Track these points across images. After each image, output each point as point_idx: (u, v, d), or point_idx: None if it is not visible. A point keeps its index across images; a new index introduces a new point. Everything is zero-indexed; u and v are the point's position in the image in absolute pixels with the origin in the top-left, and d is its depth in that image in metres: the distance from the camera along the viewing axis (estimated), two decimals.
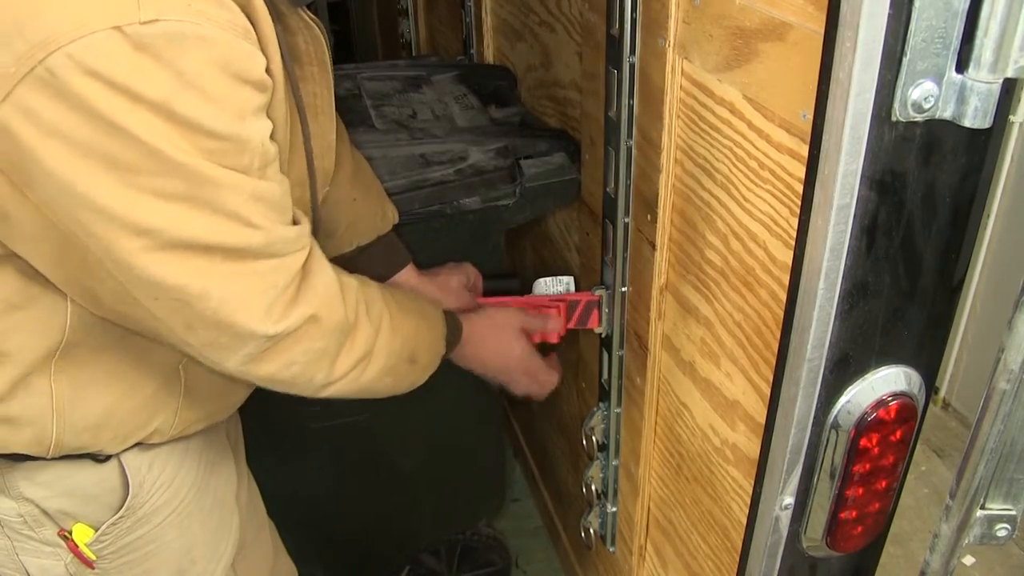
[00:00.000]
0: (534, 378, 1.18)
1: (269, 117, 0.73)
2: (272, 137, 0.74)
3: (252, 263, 0.73)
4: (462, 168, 1.34)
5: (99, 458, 0.87)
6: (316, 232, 0.88)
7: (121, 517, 0.90)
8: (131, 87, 0.62)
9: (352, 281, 0.88)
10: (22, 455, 0.83)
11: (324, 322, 0.81)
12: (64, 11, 0.61)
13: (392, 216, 1.20)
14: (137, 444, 0.89)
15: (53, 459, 0.85)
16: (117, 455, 0.88)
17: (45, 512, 0.87)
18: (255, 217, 0.71)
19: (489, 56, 1.82)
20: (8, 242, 0.72)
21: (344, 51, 4.13)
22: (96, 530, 0.89)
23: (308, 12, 0.86)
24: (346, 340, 0.85)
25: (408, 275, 1.21)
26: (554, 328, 1.21)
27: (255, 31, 0.70)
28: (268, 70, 0.71)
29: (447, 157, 1.35)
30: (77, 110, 0.62)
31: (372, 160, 1.33)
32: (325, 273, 0.82)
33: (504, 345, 1.14)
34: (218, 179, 0.68)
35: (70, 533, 0.88)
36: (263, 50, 0.71)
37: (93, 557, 0.90)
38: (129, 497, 0.90)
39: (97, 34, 0.60)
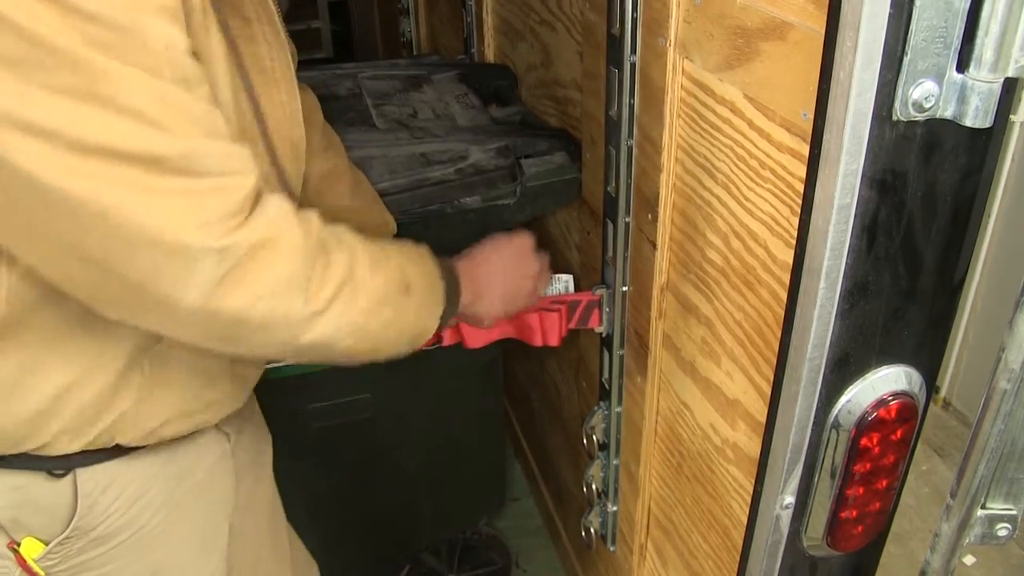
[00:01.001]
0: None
1: (210, 82, 0.69)
2: (216, 99, 0.68)
3: (177, 179, 0.65)
4: (463, 167, 1.34)
5: (56, 472, 0.83)
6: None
7: (68, 537, 0.85)
8: None
9: (312, 214, 0.79)
10: None
11: (282, 244, 0.72)
12: None
13: (392, 227, 1.18)
14: (102, 460, 0.85)
15: (8, 468, 0.81)
16: (73, 471, 0.84)
17: None
18: (166, 120, 0.64)
19: (490, 55, 1.82)
20: None
21: (345, 50, 4.13)
22: (46, 545, 0.85)
23: None
24: (316, 264, 0.76)
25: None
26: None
27: None
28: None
29: (448, 156, 1.35)
30: None
31: (372, 159, 1.33)
32: (277, 200, 0.74)
33: (523, 262, 1.10)
34: (114, 73, 0.61)
35: (19, 545, 0.84)
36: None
37: (42, 573, 0.86)
38: (75, 519, 0.85)
39: None
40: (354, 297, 0.80)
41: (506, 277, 1.08)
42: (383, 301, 0.83)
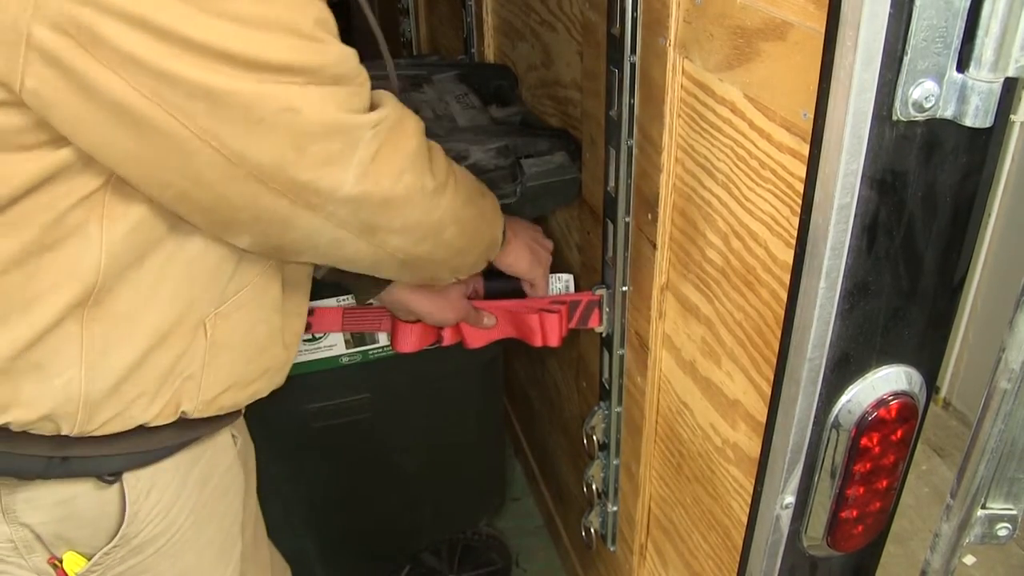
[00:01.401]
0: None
1: None
2: None
3: (333, 82, 0.73)
4: (463, 167, 1.34)
5: (107, 479, 0.85)
6: None
7: (115, 547, 0.87)
8: None
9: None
10: (37, 456, 0.81)
11: (408, 123, 0.83)
12: None
13: None
14: (143, 464, 0.86)
15: (60, 478, 0.82)
16: (121, 478, 0.85)
17: (39, 537, 0.84)
18: (322, 36, 0.71)
19: (490, 55, 1.82)
20: (84, 134, 0.69)
21: None
22: (88, 559, 0.86)
23: None
24: (428, 146, 0.86)
25: (400, 286, 1.13)
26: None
27: None
28: None
29: (448, 156, 1.35)
30: None
31: None
32: (387, 91, 0.83)
33: (533, 235, 1.22)
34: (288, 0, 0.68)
35: (60, 561, 0.85)
36: None
37: None
38: (124, 524, 0.86)
39: None
40: (457, 183, 0.90)
41: (532, 240, 1.21)
42: (472, 195, 0.95)
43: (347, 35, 0.75)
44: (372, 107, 0.79)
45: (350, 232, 0.82)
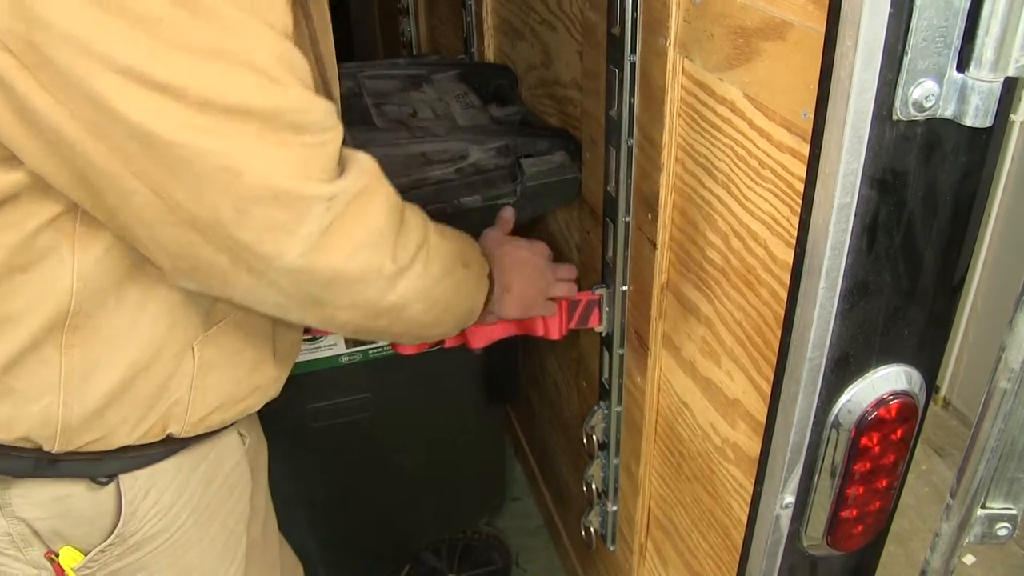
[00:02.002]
0: (549, 306, 1.17)
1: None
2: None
3: (290, 132, 0.66)
4: (463, 167, 1.34)
5: (100, 480, 0.84)
6: None
7: (110, 544, 0.86)
8: None
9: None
10: (25, 456, 0.81)
11: (376, 194, 0.74)
12: None
13: None
14: (145, 454, 0.85)
15: (52, 477, 0.81)
16: (116, 479, 0.84)
17: (36, 532, 0.84)
18: (283, 76, 0.65)
19: (490, 55, 1.82)
20: (30, 155, 0.66)
21: (344, 50, 4.14)
22: (85, 554, 0.85)
23: None
24: (399, 222, 0.77)
25: None
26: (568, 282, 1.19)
27: None
28: None
29: (448, 156, 1.35)
30: None
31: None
32: (363, 153, 0.75)
33: (533, 274, 1.12)
34: (244, 27, 0.62)
35: (57, 555, 0.84)
36: None
37: None
38: (120, 524, 0.86)
39: None
40: (428, 260, 0.81)
41: (526, 284, 1.10)
42: (448, 270, 0.85)
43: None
44: (342, 169, 0.72)
45: (294, 302, 0.75)
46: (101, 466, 0.84)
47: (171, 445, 0.88)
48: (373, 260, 0.75)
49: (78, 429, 0.80)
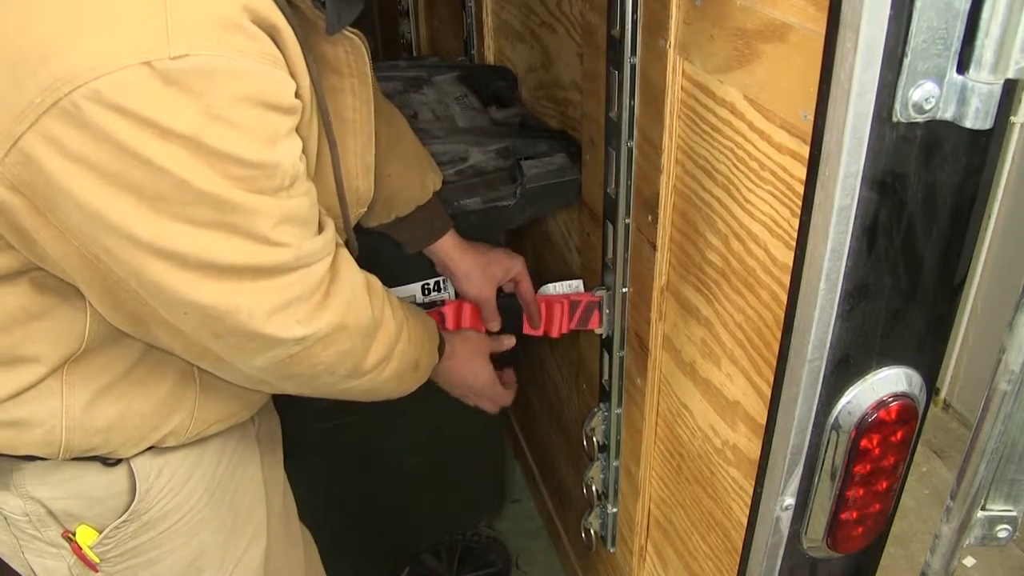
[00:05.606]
0: (491, 399, 1.23)
1: (299, 135, 0.73)
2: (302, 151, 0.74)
3: (280, 278, 0.73)
4: (463, 169, 1.34)
5: (109, 462, 0.87)
6: (352, 251, 0.89)
7: (125, 521, 0.89)
8: (160, 122, 0.61)
9: (376, 281, 0.89)
10: (31, 456, 0.83)
11: (351, 327, 0.81)
12: (93, 44, 0.60)
13: (433, 183, 1.18)
14: (151, 448, 0.89)
15: (63, 460, 0.84)
16: (128, 459, 0.88)
17: (51, 512, 0.87)
18: (284, 237, 0.71)
19: (490, 57, 1.82)
20: (35, 260, 0.73)
21: None
22: (100, 532, 0.89)
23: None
24: (372, 341, 0.86)
25: (448, 242, 1.20)
26: (507, 345, 1.25)
27: (283, 55, 0.69)
28: (297, 92, 0.71)
29: (448, 158, 1.35)
30: (104, 142, 0.61)
31: None
32: (352, 273, 0.82)
33: (476, 367, 1.18)
34: (248, 205, 0.68)
35: (74, 535, 0.88)
36: (292, 73, 0.70)
37: (96, 560, 0.89)
38: (135, 502, 0.89)
39: (126, 70, 0.59)
40: (384, 369, 0.90)
41: (469, 382, 1.19)
42: (399, 376, 0.94)
43: None
44: (330, 281, 0.79)
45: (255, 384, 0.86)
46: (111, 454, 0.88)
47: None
48: (334, 374, 0.84)
49: (81, 450, 0.84)
